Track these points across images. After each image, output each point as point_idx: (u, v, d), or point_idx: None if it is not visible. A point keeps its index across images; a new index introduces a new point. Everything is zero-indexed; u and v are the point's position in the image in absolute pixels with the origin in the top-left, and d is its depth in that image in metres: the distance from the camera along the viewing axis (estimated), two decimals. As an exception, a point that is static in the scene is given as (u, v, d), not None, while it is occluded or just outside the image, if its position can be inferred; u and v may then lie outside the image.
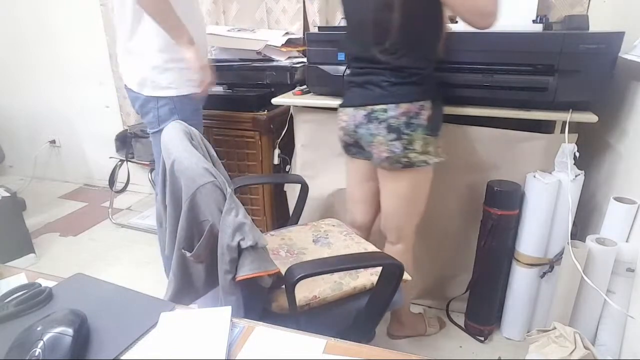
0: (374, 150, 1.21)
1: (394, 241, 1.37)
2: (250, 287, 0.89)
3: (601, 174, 1.45)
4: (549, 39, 1.27)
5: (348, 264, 0.99)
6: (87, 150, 3.02)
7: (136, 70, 1.39)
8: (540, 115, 1.31)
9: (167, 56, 1.35)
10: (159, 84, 1.38)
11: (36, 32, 2.75)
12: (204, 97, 1.52)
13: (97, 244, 2.31)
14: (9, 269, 0.83)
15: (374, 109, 1.17)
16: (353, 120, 1.23)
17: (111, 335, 0.65)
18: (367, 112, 1.18)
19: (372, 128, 1.18)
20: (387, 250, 1.39)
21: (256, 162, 1.84)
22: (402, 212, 1.32)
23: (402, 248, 1.37)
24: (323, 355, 0.61)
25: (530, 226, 1.39)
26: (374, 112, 1.17)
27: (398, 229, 1.35)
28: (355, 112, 1.21)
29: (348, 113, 1.25)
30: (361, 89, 1.22)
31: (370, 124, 1.18)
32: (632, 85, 1.31)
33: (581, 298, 1.27)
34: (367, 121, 1.19)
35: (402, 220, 1.34)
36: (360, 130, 1.21)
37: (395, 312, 1.53)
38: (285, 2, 2.08)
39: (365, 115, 1.19)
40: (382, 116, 1.16)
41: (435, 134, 1.20)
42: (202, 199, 0.84)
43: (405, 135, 1.16)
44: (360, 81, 1.22)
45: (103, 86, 2.70)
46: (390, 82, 1.15)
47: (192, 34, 1.35)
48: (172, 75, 1.37)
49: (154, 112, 1.41)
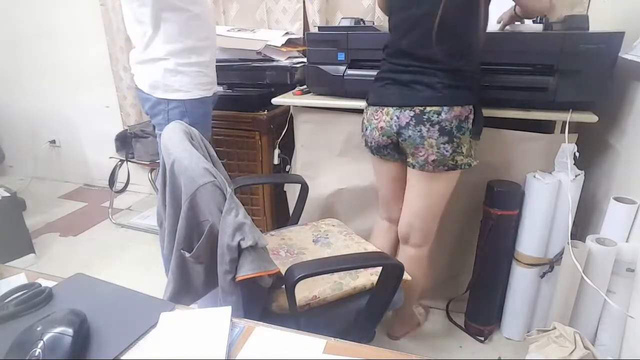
0: (419, 153, 1.18)
1: (420, 243, 1.35)
2: (250, 287, 0.89)
3: (601, 174, 1.45)
4: (549, 39, 1.27)
5: (348, 264, 0.99)
6: (87, 150, 3.02)
7: (148, 73, 1.39)
8: (540, 115, 1.31)
9: (180, 60, 1.36)
10: (170, 87, 1.38)
11: (36, 32, 2.75)
12: (215, 101, 1.53)
13: (97, 244, 2.31)
14: (9, 269, 0.83)
15: (425, 110, 1.14)
16: (397, 121, 1.17)
17: (111, 335, 0.65)
18: (416, 113, 1.14)
19: (423, 130, 1.14)
20: (408, 253, 1.37)
21: (256, 162, 1.84)
22: (433, 213, 1.30)
23: (426, 250, 1.36)
24: (323, 355, 0.61)
25: (530, 226, 1.39)
26: (425, 114, 1.14)
27: (427, 231, 1.33)
28: (400, 113, 1.16)
29: (389, 113, 1.18)
30: (405, 88, 1.16)
31: (421, 125, 1.14)
32: (632, 85, 1.31)
33: (581, 298, 1.27)
34: (417, 123, 1.15)
35: (431, 221, 1.32)
36: (407, 132, 1.16)
37: (398, 313, 1.52)
38: (285, 2, 2.08)
39: (413, 116, 1.15)
40: (434, 118, 1.13)
41: (478, 137, 1.21)
42: (202, 199, 0.84)
43: (455, 139, 1.15)
44: (404, 79, 1.16)
45: (103, 86, 2.70)
46: (444, 84, 1.13)
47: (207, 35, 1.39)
48: (183, 79, 1.38)
49: (163, 115, 1.42)
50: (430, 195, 1.27)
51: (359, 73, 1.46)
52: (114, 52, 2.52)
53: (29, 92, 2.96)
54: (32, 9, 2.70)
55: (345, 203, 1.67)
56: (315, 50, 1.52)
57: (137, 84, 1.45)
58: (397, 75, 1.18)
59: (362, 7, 1.98)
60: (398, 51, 1.18)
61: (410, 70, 1.16)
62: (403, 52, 1.17)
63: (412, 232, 1.34)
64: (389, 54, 1.22)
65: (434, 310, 1.70)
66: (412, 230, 1.34)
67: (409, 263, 1.37)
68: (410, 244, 1.37)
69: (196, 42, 1.38)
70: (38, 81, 2.89)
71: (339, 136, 1.60)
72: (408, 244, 1.37)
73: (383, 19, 1.91)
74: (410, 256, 1.37)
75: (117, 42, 2.47)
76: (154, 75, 1.38)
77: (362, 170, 1.57)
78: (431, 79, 1.13)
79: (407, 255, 1.38)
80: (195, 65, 1.38)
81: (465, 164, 1.20)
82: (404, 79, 1.17)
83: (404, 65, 1.17)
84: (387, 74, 1.21)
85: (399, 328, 1.56)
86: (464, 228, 1.53)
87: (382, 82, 1.22)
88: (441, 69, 1.13)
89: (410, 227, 1.34)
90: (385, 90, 1.21)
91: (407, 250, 1.38)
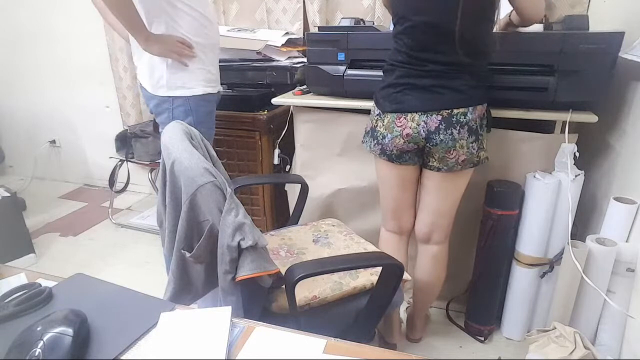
0: (450, 156, 1.18)
1: (442, 239, 1.37)
2: (250, 287, 0.89)
3: (601, 174, 1.45)
4: (549, 39, 1.27)
5: (348, 264, 0.99)
6: (87, 150, 3.02)
7: (151, 71, 1.39)
8: (540, 115, 1.31)
9: None
10: (173, 84, 1.38)
11: (36, 32, 2.75)
12: (218, 100, 1.53)
13: (97, 244, 2.31)
14: (9, 269, 0.83)
15: (453, 113, 1.14)
16: (425, 126, 1.16)
17: (111, 335, 0.65)
18: (444, 117, 1.14)
19: (454, 133, 1.15)
20: (431, 252, 1.39)
21: (256, 162, 1.84)
22: (454, 209, 1.33)
23: (447, 245, 1.39)
24: (323, 355, 0.61)
25: (530, 226, 1.39)
26: (453, 116, 1.14)
27: (448, 226, 1.36)
28: (427, 118, 1.15)
29: (415, 119, 1.16)
30: (427, 93, 1.15)
31: (452, 128, 1.15)
32: (632, 85, 1.31)
33: (581, 298, 1.27)
34: (447, 126, 1.15)
35: (452, 216, 1.34)
36: (438, 136, 1.16)
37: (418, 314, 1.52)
38: (285, 2, 2.08)
39: (441, 120, 1.14)
40: (462, 119, 1.14)
41: (489, 130, 1.26)
42: (202, 199, 0.84)
43: (480, 136, 1.19)
44: (425, 84, 1.15)
45: (103, 86, 2.70)
46: (469, 85, 1.14)
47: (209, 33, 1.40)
48: (187, 75, 1.38)
49: (168, 113, 1.41)
50: (454, 193, 1.29)
51: (359, 73, 1.46)
52: (114, 52, 2.52)
53: (29, 92, 2.96)
54: (32, 9, 2.70)
55: (345, 203, 1.67)
56: (315, 50, 1.52)
57: (140, 82, 1.45)
58: (416, 80, 1.16)
59: (362, 7, 1.98)
60: (416, 56, 1.15)
61: (432, 75, 1.14)
62: (422, 56, 1.14)
63: (435, 230, 1.35)
64: (403, 59, 1.18)
65: (434, 310, 1.70)
66: (435, 228, 1.35)
67: (433, 262, 1.40)
68: (433, 242, 1.38)
69: (199, 39, 1.38)
70: (38, 81, 2.89)
71: (339, 136, 1.60)
72: (430, 243, 1.38)
73: (383, 19, 1.91)
74: (433, 255, 1.39)
75: (117, 42, 2.47)
76: (157, 73, 1.38)
77: (362, 170, 1.57)
78: (455, 81, 1.14)
79: (430, 254, 1.39)
80: (198, 62, 1.38)
81: (484, 158, 1.24)
82: (426, 84, 1.15)
83: (424, 70, 1.14)
84: (404, 79, 1.18)
85: (421, 329, 1.56)
86: (464, 228, 1.53)
87: (399, 87, 1.18)
88: (464, 70, 1.14)
89: (432, 225, 1.35)
90: (404, 96, 1.18)
91: (430, 249, 1.39)
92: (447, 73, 1.13)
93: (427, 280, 1.42)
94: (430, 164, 1.24)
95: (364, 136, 1.33)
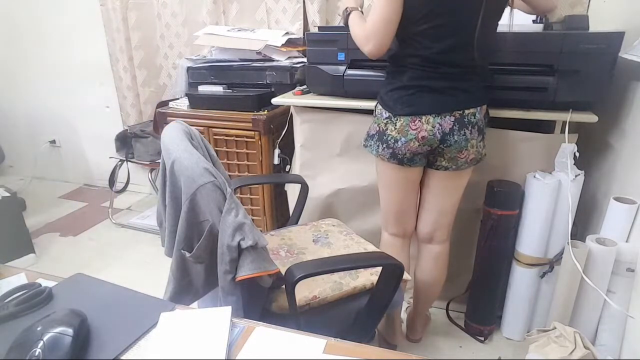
0: (461, 155, 1.20)
1: (445, 238, 1.38)
2: (250, 287, 0.89)
3: (601, 174, 1.45)
4: (549, 39, 1.27)
5: (348, 264, 0.99)
6: (87, 150, 3.02)
7: None
8: (540, 115, 1.31)
9: None
10: None
11: (36, 32, 2.75)
12: None
13: (97, 244, 2.31)
14: (9, 269, 0.83)
15: (464, 114, 1.15)
16: (440, 128, 1.15)
17: (111, 335, 0.65)
18: (456, 118, 1.15)
19: (467, 133, 1.17)
20: (434, 251, 1.39)
21: (256, 162, 1.84)
22: (455, 207, 1.35)
23: (449, 243, 1.40)
24: (323, 355, 0.61)
25: (530, 226, 1.39)
26: (465, 117, 1.15)
27: (449, 225, 1.37)
28: (441, 120, 1.15)
29: (429, 122, 1.15)
30: (440, 95, 1.15)
31: (465, 129, 1.16)
32: (632, 85, 1.31)
33: (581, 298, 1.27)
34: (460, 127, 1.16)
35: (453, 215, 1.36)
36: (452, 137, 1.16)
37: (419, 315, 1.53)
38: (285, 2, 2.08)
39: (454, 121, 1.15)
40: (472, 119, 1.17)
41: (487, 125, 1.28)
42: (202, 199, 0.84)
43: (485, 134, 1.22)
44: (440, 86, 1.15)
45: (103, 86, 2.70)
46: (477, 86, 1.17)
47: None
48: None
49: None
50: (457, 190, 1.31)
51: (359, 73, 1.46)
52: (114, 52, 2.52)
53: (29, 92, 2.96)
54: (32, 9, 2.70)
55: (345, 203, 1.67)
56: (315, 50, 1.52)
57: None
58: (431, 82, 1.15)
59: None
60: (430, 59, 1.13)
61: (447, 77, 1.14)
62: (437, 59, 1.13)
63: (438, 229, 1.36)
64: (417, 61, 1.15)
65: (434, 310, 1.70)
66: (438, 227, 1.36)
67: (434, 262, 1.40)
68: (435, 242, 1.38)
69: None
70: (38, 81, 2.89)
71: (338, 136, 1.60)
72: (432, 242, 1.39)
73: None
74: (436, 254, 1.39)
75: (117, 42, 2.47)
76: None
77: (362, 170, 1.57)
78: (466, 83, 1.16)
79: (433, 253, 1.40)
80: None
81: (484, 154, 1.26)
82: (440, 86, 1.15)
83: (439, 72, 1.14)
84: (418, 81, 1.16)
85: (421, 329, 1.57)
86: (464, 228, 1.53)
87: (412, 90, 1.17)
88: (475, 72, 1.16)
89: (435, 224, 1.36)
90: (418, 99, 1.16)
91: (432, 248, 1.39)
92: (460, 75, 1.15)
93: (428, 280, 1.42)
94: (438, 163, 1.24)
95: (367, 140, 1.29)
